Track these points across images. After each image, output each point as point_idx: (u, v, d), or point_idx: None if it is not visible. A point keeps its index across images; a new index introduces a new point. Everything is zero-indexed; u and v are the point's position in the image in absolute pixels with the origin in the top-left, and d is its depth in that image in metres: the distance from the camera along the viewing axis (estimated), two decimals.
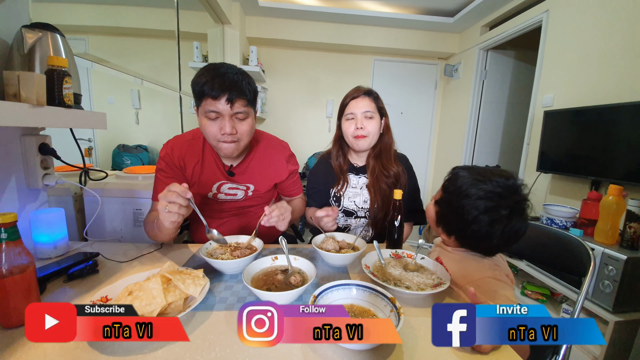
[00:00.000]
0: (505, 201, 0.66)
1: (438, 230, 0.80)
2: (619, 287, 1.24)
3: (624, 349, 1.24)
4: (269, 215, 0.82)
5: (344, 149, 1.18)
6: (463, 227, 0.70)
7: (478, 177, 0.70)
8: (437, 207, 0.79)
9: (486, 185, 0.68)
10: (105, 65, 1.39)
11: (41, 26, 0.76)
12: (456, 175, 0.74)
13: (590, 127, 1.72)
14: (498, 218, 0.66)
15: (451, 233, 0.76)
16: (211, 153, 0.97)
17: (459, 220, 0.71)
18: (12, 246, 0.52)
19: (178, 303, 0.58)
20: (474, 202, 0.67)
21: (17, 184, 0.82)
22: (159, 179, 0.95)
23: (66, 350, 0.48)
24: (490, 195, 0.67)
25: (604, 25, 1.76)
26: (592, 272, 0.82)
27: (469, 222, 0.68)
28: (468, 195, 0.68)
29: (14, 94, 0.62)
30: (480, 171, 0.72)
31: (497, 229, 0.67)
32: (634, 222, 1.28)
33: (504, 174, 0.70)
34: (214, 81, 0.80)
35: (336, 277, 0.77)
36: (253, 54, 2.98)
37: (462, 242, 0.76)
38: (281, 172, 1.06)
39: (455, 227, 0.74)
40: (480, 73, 3.03)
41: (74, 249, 0.88)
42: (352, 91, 1.13)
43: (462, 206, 0.68)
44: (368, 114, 1.07)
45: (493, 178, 0.69)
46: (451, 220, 0.75)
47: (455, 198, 0.71)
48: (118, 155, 2.36)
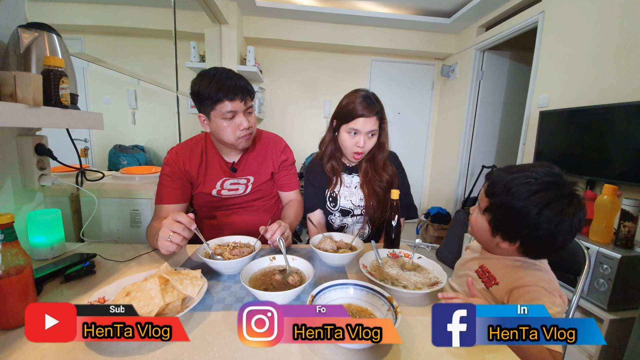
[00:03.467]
0: (563, 189, 0.62)
1: (494, 240, 0.70)
2: (613, 286, 1.25)
3: (619, 347, 1.25)
4: (271, 231, 0.82)
5: (337, 151, 1.17)
6: (529, 228, 0.63)
7: (524, 174, 0.64)
8: (488, 215, 0.70)
9: (536, 178, 0.63)
10: (102, 65, 1.39)
11: (37, 26, 0.75)
12: (498, 178, 0.68)
13: (585, 128, 1.73)
14: (561, 209, 0.61)
15: (516, 239, 0.67)
16: (213, 154, 1.05)
17: (523, 221, 0.63)
18: (8, 247, 0.52)
19: (176, 303, 0.58)
20: (533, 199, 0.61)
21: (13, 184, 0.82)
22: (164, 184, 0.99)
23: (64, 351, 0.48)
24: (546, 187, 0.62)
25: (599, 26, 1.78)
26: (587, 271, 0.84)
27: (536, 221, 0.61)
28: (521, 193, 0.62)
29: (10, 94, 0.62)
30: (520, 168, 0.67)
31: (566, 221, 0.61)
32: (629, 221, 1.29)
33: (543, 165, 0.66)
34: (226, 86, 0.89)
35: (334, 277, 0.78)
36: (250, 54, 2.98)
37: (527, 247, 0.68)
38: (276, 162, 1.12)
39: (520, 232, 0.65)
40: (476, 73, 3.05)
41: (71, 250, 0.88)
42: (363, 105, 1.02)
43: (523, 206, 0.62)
44: (372, 132, 1.05)
45: (535, 170, 0.64)
46: (513, 225, 0.66)
47: (509, 200, 0.64)
48: (114, 156, 2.35)
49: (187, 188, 1.02)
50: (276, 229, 0.82)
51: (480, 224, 0.72)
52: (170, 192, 0.98)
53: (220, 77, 0.90)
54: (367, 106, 1.02)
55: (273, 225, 0.83)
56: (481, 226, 0.72)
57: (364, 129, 1.03)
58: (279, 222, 0.86)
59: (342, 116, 1.07)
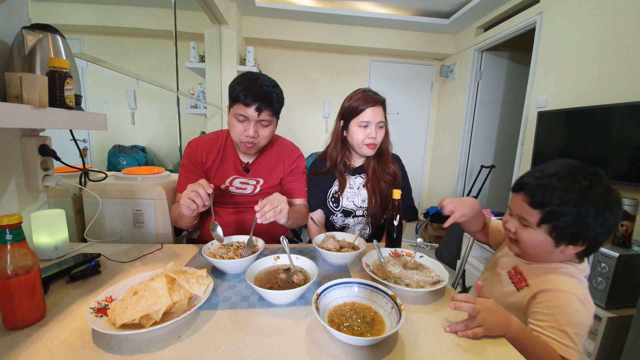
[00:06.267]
0: (600, 174, 0.63)
1: (557, 250, 0.66)
2: (611, 284, 1.27)
3: (616, 345, 1.27)
4: (262, 211, 0.79)
5: (344, 151, 1.19)
6: (597, 226, 0.61)
7: (561, 173, 0.64)
8: (547, 226, 0.64)
9: (574, 175, 0.62)
10: (101, 65, 1.39)
11: (41, 27, 0.76)
12: (538, 187, 0.65)
13: (582, 128, 1.75)
14: (617, 197, 0.61)
15: (584, 240, 0.63)
16: (231, 151, 1.10)
17: (590, 222, 0.60)
18: (17, 247, 0.52)
19: (183, 302, 0.58)
20: (591, 195, 0.60)
21: (17, 185, 0.82)
22: (182, 174, 1.07)
23: (73, 349, 0.48)
24: (591, 180, 0.62)
25: (597, 27, 1.80)
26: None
27: (603, 216, 0.60)
28: (576, 193, 0.61)
29: (16, 96, 0.62)
30: (548, 170, 0.66)
31: (620, 202, 0.61)
32: (626, 220, 1.31)
33: (563, 160, 0.67)
34: (248, 90, 0.92)
35: (337, 276, 0.78)
36: (250, 54, 2.99)
37: (591, 245, 0.64)
38: (287, 169, 1.14)
39: (587, 232, 0.62)
40: (475, 74, 3.07)
41: (75, 250, 0.88)
42: (367, 97, 1.08)
43: (587, 206, 0.60)
44: (381, 124, 1.09)
45: (565, 165, 0.65)
46: (580, 227, 0.61)
47: (569, 204, 0.61)
48: (114, 156, 2.35)
49: (204, 178, 1.05)
50: (265, 204, 0.80)
51: (537, 238, 0.66)
52: (186, 181, 1.01)
53: (250, 82, 0.93)
54: (372, 97, 1.08)
55: (262, 201, 0.81)
56: (540, 240, 0.66)
57: (374, 119, 1.07)
58: (271, 196, 0.84)
59: (349, 113, 1.11)
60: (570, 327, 0.59)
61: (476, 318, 0.56)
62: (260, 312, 0.61)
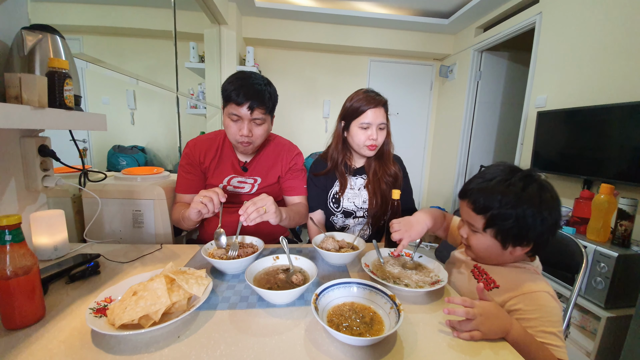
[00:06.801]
0: (534, 176, 0.65)
1: (505, 252, 0.68)
2: (610, 284, 1.27)
3: (616, 344, 1.27)
4: (245, 214, 0.79)
5: (345, 151, 1.19)
6: (537, 225, 0.62)
7: (497, 178, 0.66)
8: (491, 230, 0.66)
9: (509, 178, 0.65)
10: (100, 65, 1.39)
11: (41, 28, 0.76)
12: (478, 193, 0.67)
13: (582, 128, 1.75)
14: (551, 195, 0.63)
15: (529, 241, 0.65)
16: (229, 150, 1.11)
17: (530, 222, 0.62)
18: (16, 248, 0.52)
19: (182, 302, 0.58)
20: (525, 197, 0.62)
21: (17, 185, 0.82)
22: (180, 174, 1.09)
23: (72, 350, 0.48)
24: (525, 181, 0.64)
25: (596, 27, 1.80)
26: (585, 270, 0.85)
27: (541, 216, 0.62)
28: (513, 196, 0.63)
29: (15, 96, 0.62)
30: (486, 175, 0.68)
31: (558, 201, 0.63)
32: (625, 220, 1.31)
33: (498, 164, 0.70)
34: (240, 90, 0.92)
35: (336, 276, 0.78)
36: (250, 54, 2.99)
37: (538, 244, 0.66)
38: (284, 167, 1.14)
39: (530, 233, 0.63)
40: (474, 74, 3.07)
41: (74, 250, 0.88)
42: (368, 98, 1.07)
43: (523, 208, 0.62)
44: (382, 125, 1.08)
45: (499, 170, 0.67)
46: (522, 228, 0.63)
47: (507, 207, 0.63)
48: (113, 156, 2.35)
49: (202, 178, 1.09)
50: (248, 206, 0.79)
51: (485, 242, 0.69)
52: (184, 182, 1.08)
53: (241, 80, 0.94)
54: (374, 98, 1.07)
55: (247, 203, 0.81)
56: (487, 244, 0.68)
57: (375, 121, 1.06)
58: (256, 198, 0.84)
59: (350, 114, 1.10)
60: (554, 327, 0.60)
61: (472, 322, 0.56)
62: (260, 312, 0.61)
